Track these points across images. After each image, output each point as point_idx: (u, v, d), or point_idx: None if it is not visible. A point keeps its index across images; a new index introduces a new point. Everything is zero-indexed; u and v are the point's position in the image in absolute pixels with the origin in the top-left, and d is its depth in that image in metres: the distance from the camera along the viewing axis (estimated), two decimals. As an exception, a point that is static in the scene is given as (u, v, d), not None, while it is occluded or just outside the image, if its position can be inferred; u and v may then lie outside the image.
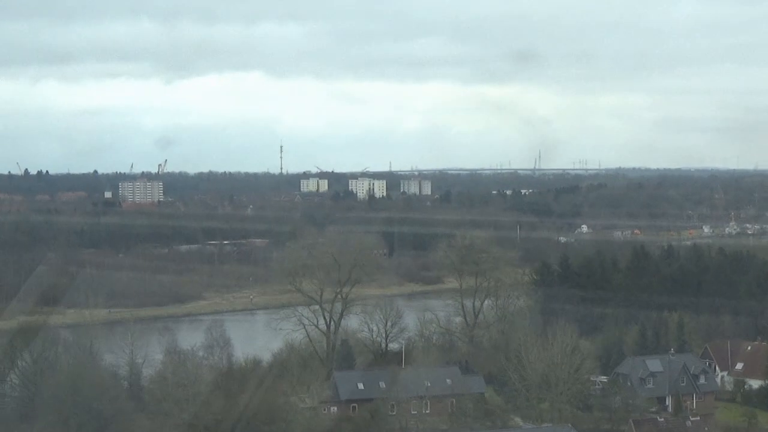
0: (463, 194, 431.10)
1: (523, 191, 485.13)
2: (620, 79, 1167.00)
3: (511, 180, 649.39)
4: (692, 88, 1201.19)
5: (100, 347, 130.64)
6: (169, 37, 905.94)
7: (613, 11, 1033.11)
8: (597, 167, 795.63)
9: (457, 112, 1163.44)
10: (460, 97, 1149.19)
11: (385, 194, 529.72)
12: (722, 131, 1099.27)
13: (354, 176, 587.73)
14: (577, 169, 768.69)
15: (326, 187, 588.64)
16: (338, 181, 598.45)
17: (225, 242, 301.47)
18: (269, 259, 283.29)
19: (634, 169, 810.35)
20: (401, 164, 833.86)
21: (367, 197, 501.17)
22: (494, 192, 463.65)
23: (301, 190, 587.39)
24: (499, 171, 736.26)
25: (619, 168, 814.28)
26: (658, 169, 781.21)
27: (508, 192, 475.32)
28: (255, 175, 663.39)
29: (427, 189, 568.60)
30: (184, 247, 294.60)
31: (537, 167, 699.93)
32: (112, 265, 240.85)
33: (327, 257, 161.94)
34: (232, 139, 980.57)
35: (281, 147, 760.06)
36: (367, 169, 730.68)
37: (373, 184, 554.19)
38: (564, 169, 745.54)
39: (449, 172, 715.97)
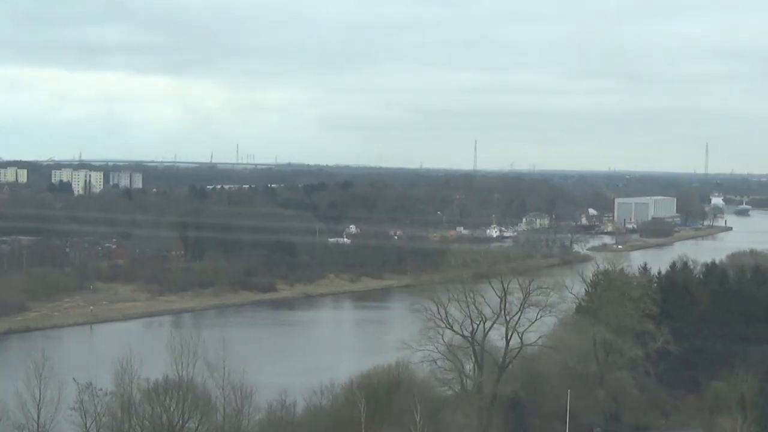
0: (224, 191, 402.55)
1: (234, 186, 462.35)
2: (291, 75, 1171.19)
3: (212, 174, 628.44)
4: (362, 85, 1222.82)
5: None
6: None
7: (286, 7, 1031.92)
8: (273, 162, 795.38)
9: (137, 101, 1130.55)
10: (137, 86, 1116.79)
11: (102, 187, 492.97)
12: (386, 129, 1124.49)
13: (58, 166, 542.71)
14: (269, 163, 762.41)
15: (25, 178, 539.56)
16: (36, 170, 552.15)
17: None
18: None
19: (290, 164, 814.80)
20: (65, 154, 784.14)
21: (85, 190, 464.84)
22: (246, 187, 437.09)
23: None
24: (194, 164, 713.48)
25: (289, 163, 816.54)
26: (318, 165, 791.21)
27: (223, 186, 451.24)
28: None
29: (138, 182, 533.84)
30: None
31: (238, 161, 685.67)
32: None
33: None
34: None
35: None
36: (52, 159, 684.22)
37: (90, 175, 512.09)
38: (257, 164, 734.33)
39: (148, 164, 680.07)
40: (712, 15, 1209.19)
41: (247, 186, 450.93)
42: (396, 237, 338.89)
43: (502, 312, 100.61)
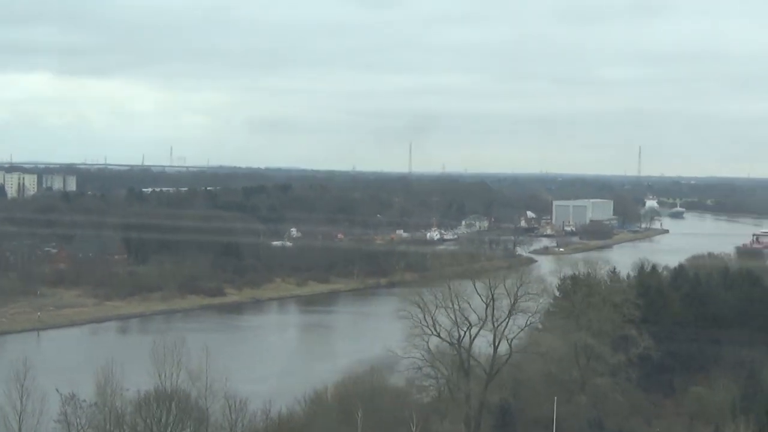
0: (162, 193, 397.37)
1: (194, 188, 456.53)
2: (221, 77, 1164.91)
3: (145, 176, 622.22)
4: (295, 88, 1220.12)
5: None
6: None
7: (216, 9, 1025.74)
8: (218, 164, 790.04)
9: (67, 103, 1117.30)
10: (66, 88, 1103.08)
11: (36, 190, 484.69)
12: (318, 132, 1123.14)
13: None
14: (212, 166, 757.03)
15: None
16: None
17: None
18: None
19: (221, 166, 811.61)
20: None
21: (19, 193, 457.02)
22: (184, 189, 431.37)
23: None
24: (126, 166, 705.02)
25: (221, 166, 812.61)
26: (249, 168, 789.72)
27: (161, 189, 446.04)
28: None
29: (72, 184, 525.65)
30: None
31: (171, 164, 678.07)
32: None
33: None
34: None
35: None
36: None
37: (23, 178, 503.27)
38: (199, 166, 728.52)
39: (80, 166, 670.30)
40: (644, 19, 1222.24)
41: (185, 188, 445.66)
42: (340, 240, 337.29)
43: (489, 318, 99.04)
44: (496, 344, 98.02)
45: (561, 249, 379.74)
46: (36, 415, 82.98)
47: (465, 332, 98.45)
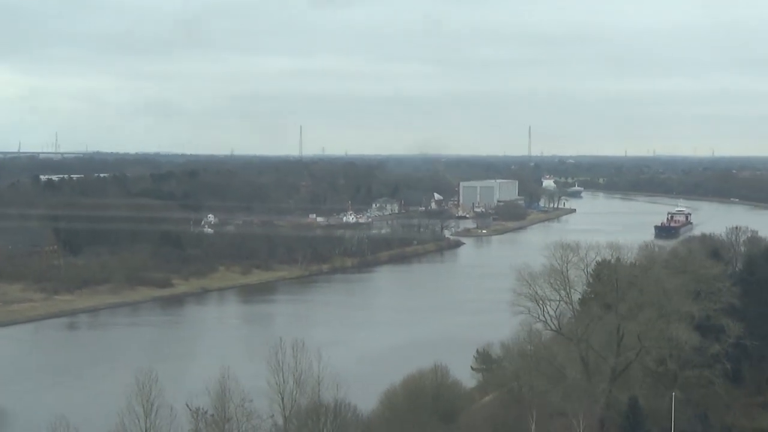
0: (73, 181, 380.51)
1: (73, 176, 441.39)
2: (98, 62, 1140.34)
3: (32, 164, 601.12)
4: (173, 73, 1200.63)
5: None
6: None
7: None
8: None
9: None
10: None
11: None
12: (197, 116, 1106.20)
13: None
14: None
15: None
16: None
17: None
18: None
19: (98, 152, 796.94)
20: None
21: None
22: (97, 176, 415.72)
23: None
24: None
25: (98, 151, 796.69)
26: (129, 153, 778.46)
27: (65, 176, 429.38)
28: None
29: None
30: None
31: (57, 150, 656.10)
32: None
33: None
34: None
35: None
36: None
37: None
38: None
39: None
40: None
41: (80, 175, 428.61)
42: (262, 226, 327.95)
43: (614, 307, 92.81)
44: (620, 337, 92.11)
45: (483, 231, 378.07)
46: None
47: (587, 325, 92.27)
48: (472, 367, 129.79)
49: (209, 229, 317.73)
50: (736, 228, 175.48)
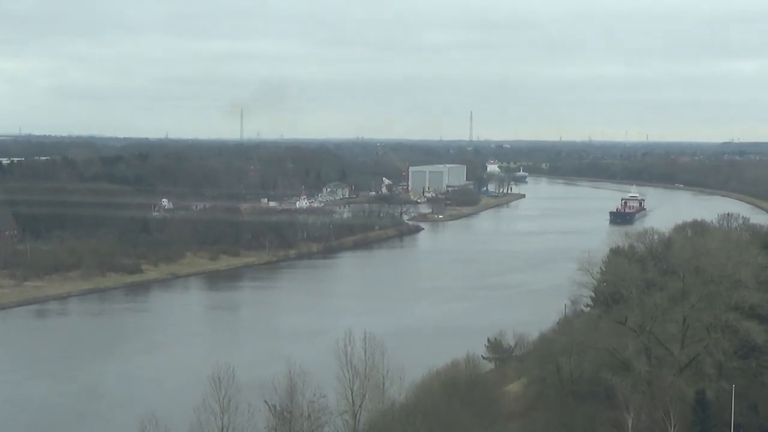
0: (24, 164, 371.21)
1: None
2: (19, 43, 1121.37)
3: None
4: (104, 55, 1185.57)
5: None
6: None
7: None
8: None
9: None
10: None
11: None
12: (130, 99, 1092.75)
13: None
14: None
15: None
16: None
17: None
18: None
19: (30, 135, 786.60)
20: None
21: None
22: (47, 158, 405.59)
23: None
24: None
25: (30, 134, 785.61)
26: (72, 136, 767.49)
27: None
28: None
29: None
30: None
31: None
32: None
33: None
34: None
35: None
36: None
37: None
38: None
39: None
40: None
41: (21, 158, 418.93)
42: (228, 212, 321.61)
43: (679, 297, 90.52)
44: (685, 329, 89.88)
45: (440, 216, 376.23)
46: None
47: (653, 316, 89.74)
48: (482, 356, 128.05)
49: (165, 214, 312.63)
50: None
